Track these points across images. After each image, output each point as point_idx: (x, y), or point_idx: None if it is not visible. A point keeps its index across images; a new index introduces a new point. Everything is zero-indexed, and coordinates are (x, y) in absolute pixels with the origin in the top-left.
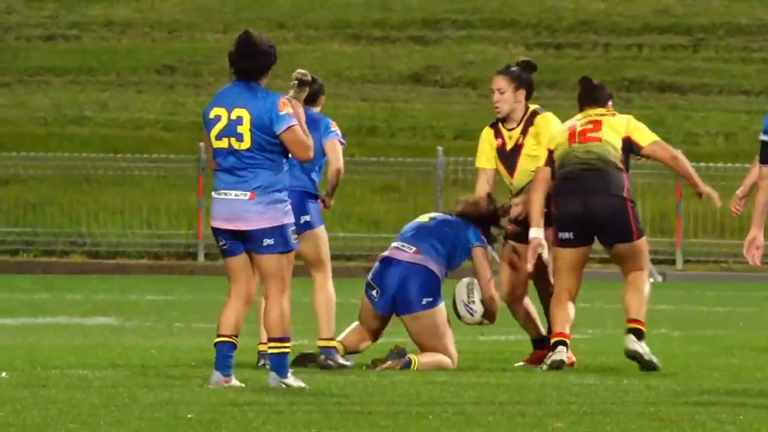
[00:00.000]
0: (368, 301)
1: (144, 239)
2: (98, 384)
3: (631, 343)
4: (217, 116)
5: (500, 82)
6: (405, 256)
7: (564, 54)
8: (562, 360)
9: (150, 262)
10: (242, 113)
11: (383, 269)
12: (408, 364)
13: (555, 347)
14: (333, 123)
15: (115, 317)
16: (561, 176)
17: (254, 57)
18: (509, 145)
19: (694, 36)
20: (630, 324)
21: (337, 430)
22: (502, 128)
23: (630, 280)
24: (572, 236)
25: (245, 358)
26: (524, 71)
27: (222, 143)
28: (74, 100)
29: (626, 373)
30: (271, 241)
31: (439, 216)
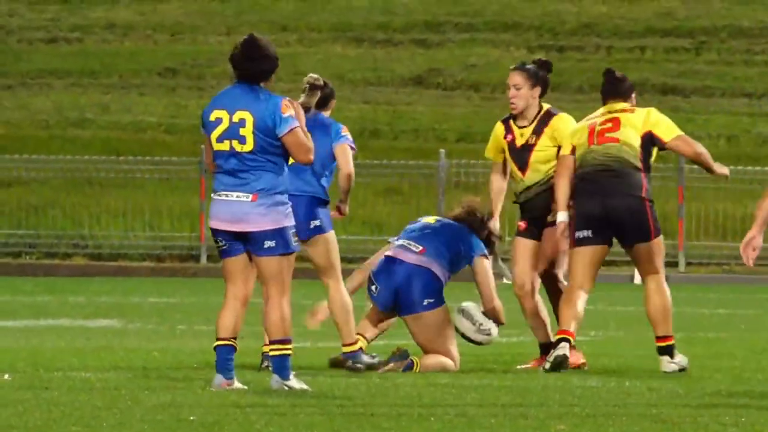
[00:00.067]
0: (369, 297)
1: (146, 241)
2: (101, 386)
3: (666, 365)
4: (218, 119)
5: (516, 78)
6: (410, 257)
7: (566, 57)
8: (565, 355)
9: (152, 265)
10: (245, 116)
11: (387, 267)
12: (410, 366)
13: (558, 344)
14: (344, 128)
15: (118, 319)
16: (579, 176)
17: (260, 60)
18: (519, 142)
19: (697, 39)
20: (660, 342)
21: None
22: (513, 125)
23: (652, 289)
24: (591, 234)
25: (247, 360)
26: (540, 69)
27: (223, 146)
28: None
29: (628, 376)
30: (272, 243)
31: (445, 220)
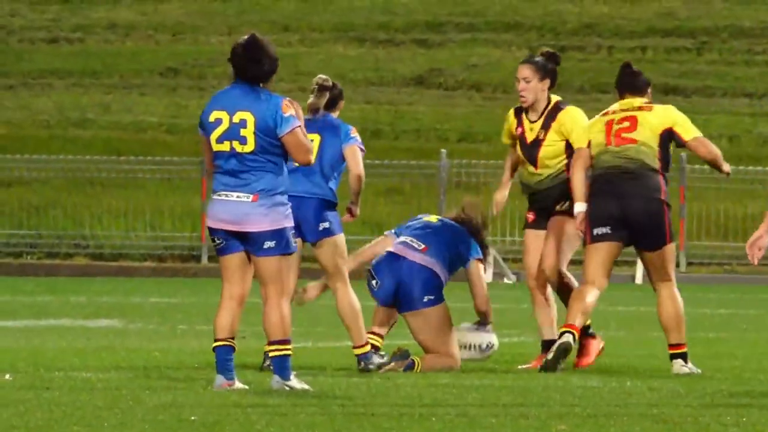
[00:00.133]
0: (369, 292)
1: (147, 242)
2: (102, 386)
3: (679, 368)
4: (218, 119)
5: (525, 72)
6: (413, 255)
7: (567, 57)
8: (569, 343)
9: (153, 265)
10: (246, 116)
11: (389, 262)
12: (411, 366)
13: (561, 335)
14: (353, 129)
15: (119, 319)
16: (596, 177)
17: (262, 61)
18: (529, 138)
19: (698, 39)
20: (673, 350)
21: None
22: (525, 118)
23: (665, 297)
24: (609, 231)
25: (248, 360)
26: (548, 62)
27: (223, 146)
28: (77, 103)
29: (629, 376)
30: (272, 244)
31: (446, 220)
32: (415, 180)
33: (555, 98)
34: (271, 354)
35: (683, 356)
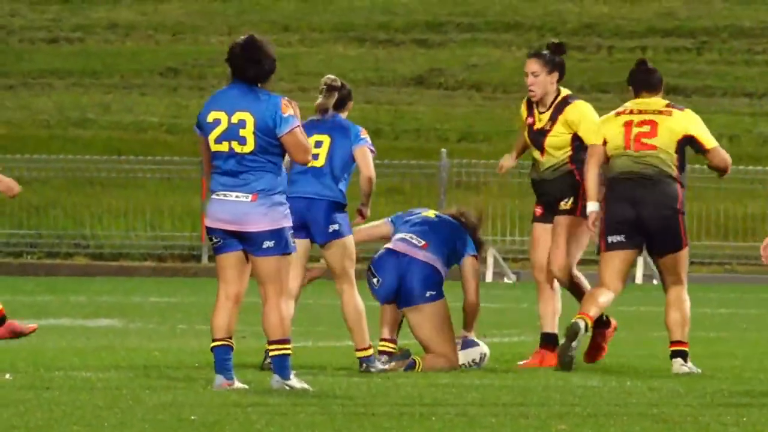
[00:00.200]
0: (370, 290)
1: (147, 241)
2: (102, 386)
3: (678, 367)
4: (216, 120)
5: (534, 66)
6: (414, 251)
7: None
8: (579, 324)
9: (153, 264)
10: (245, 116)
11: (389, 259)
12: (412, 366)
13: (574, 320)
14: (363, 130)
15: (119, 319)
16: (612, 181)
17: (261, 61)
18: (537, 126)
19: (698, 39)
20: (674, 347)
21: None
22: (535, 108)
23: (673, 299)
24: (624, 239)
25: (248, 360)
26: (555, 53)
27: (222, 147)
28: (77, 103)
29: (629, 375)
30: (271, 244)
31: (443, 216)
32: (416, 180)
33: (565, 91)
34: (271, 353)
35: (683, 355)
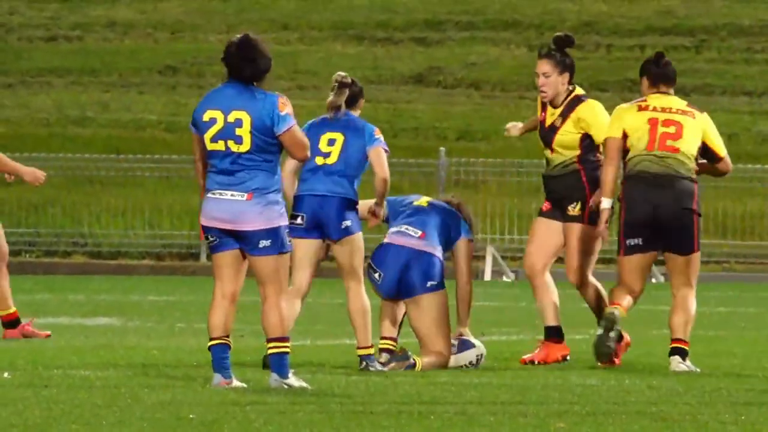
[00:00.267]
0: (372, 286)
1: (146, 240)
2: (100, 384)
3: (677, 365)
4: (212, 119)
5: (545, 66)
6: (411, 242)
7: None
8: (613, 312)
9: (152, 263)
10: (241, 115)
11: (388, 253)
12: (412, 367)
13: (608, 311)
14: (377, 130)
15: (118, 318)
16: (632, 178)
17: (256, 60)
18: (548, 122)
19: (697, 37)
20: (675, 344)
21: (339, 431)
22: (549, 104)
23: (679, 301)
24: (641, 242)
25: (247, 358)
26: (563, 47)
27: (218, 146)
28: (76, 101)
29: (628, 374)
30: (267, 243)
31: (436, 202)
32: (414, 178)
33: (579, 90)
34: (270, 351)
35: (682, 353)
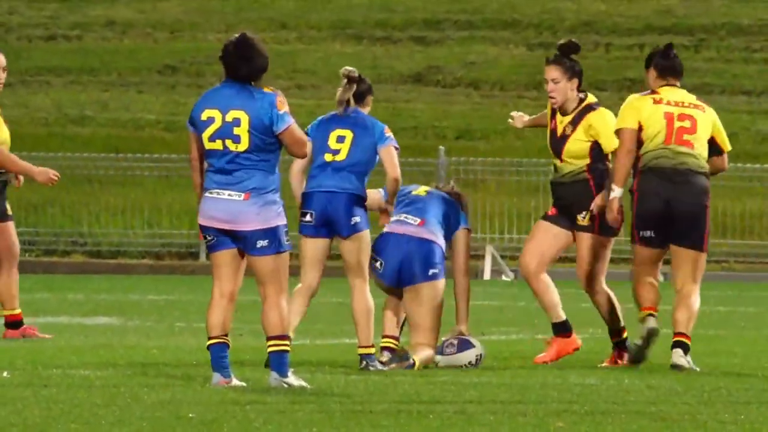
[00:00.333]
0: (374, 275)
1: (145, 239)
2: (100, 384)
3: (678, 358)
4: (210, 118)
5: (554, 72)
6: (412, 230)
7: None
8: (655, 329)
9: (151, 262)
10: (239, 115)
11: (388, 242)
12: (411, 367)
13: (645, 320)
14: (386, 128)
15: (117, 317)
16: (649, 172)
17: (253, 59)
18: (558, 131)
19: (696, 36)
20: (678, 338)
21: (339, 430)
22: (558, 112)
23: (684, 296)
24: (653, 234)
25: (247, 358)
26: (568, 53)
27: (215, 145)
28: (75, 100)
29: (627, 373)
30: (265, 243)
31: (435, 192)
32: (414, 177)
33: (591, 98)
34: (270, 349)
35: (685, 347)
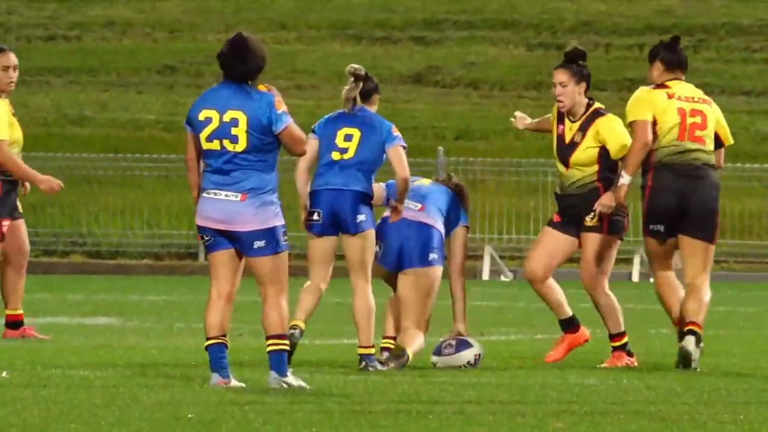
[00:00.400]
0: (374, 261)
1: (145, 239)
2: (99, 384)
3: (690, 345)
4: (208, 118)
5: (562, 76)
6: (412, 215)
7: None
8: (689, 351)
9: (151, 263)
10: (237, 115)
11: (387, 225)
12: (406, 361)
13: (683, 336)
14: (393, 127)
15: (116, 317)
16: (663, 168)
17: (249, 59)
18: (567, 138)
19: (695, 36)
20: (690, 326)
21: (338, 430)
22: (566, 116)
23: (695, 287)
24: (663, 229)
25: (246, 358)
26: (574, 60)
27: (213, 145)
28: (75, 101)
29: (626, 373)
30: (262, 243)
31: (438, 184)
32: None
33: (596, 105)
34: (269, 348)
35: (697, 336)
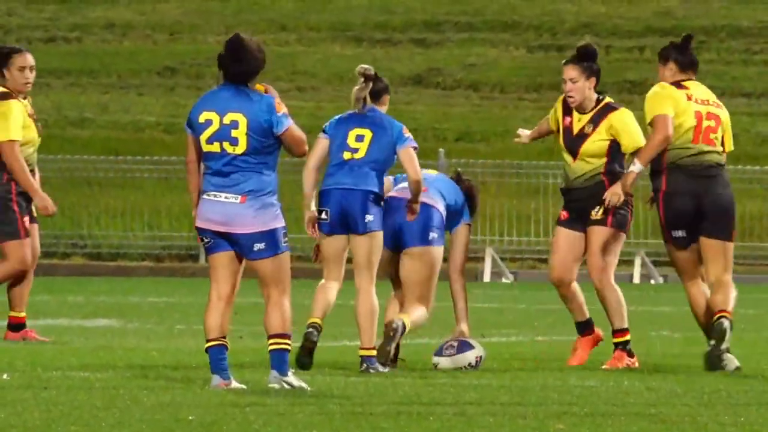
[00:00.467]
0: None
1: (145, 241)
2: (99, 386)
3: (725, 323)
4: (208, 120)
5: (572, 72)
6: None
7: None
8: (722, 323)
9: (151, 264)
10: (237, 117)
11: (389, 206)
12: (403, 331)
13: (716, 321)
14: (404, 128)
15: (117, 319)
16: (677, 170)
17: (246, 61)
18: (576, 129)
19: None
20: (720, 314)
21: None
22: (575, 110)
23: (720, 283)
24: (685, 234)
25: (246, 360)
26: (585, 57)
27: (213, 147)
28: (75, 102)
29: (627, 375)
30: (262, 246)
31: (444, 175)
32: None
33: (607, 99)
34: (270, 348)
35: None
